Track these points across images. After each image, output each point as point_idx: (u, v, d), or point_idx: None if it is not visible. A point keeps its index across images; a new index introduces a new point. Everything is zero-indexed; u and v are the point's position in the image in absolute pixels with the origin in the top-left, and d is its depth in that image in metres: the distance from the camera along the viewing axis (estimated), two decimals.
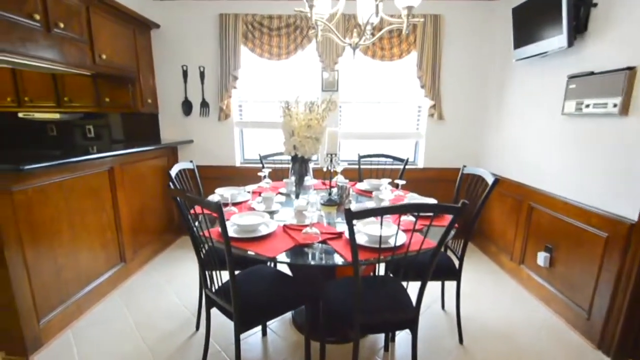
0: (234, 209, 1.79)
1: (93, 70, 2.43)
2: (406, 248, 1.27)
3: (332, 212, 1.90)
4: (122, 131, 3.32)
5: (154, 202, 3.03)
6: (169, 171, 1.87)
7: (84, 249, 2.20)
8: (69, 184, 2.06)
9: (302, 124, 1.79)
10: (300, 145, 1.82)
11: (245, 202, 1.97)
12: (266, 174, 2.30)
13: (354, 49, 1.74)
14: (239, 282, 1.58)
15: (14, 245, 1.69)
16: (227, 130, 3.31)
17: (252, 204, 1.91)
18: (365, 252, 1.29)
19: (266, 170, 2.29)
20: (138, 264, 2.79)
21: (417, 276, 1.41)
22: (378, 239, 1.25)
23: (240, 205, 1.93)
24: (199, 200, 1.23)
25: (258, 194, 2.18)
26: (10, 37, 1.82)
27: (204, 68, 3.16)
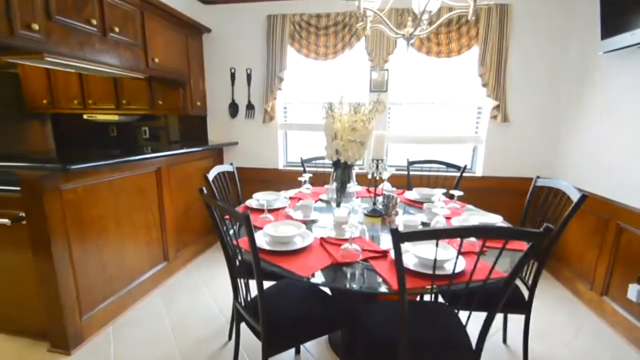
0: (269, 216, 1.67)
1: (146, 73, 2.51)
2: (467, 276, 1.03)
3: (377, 223, 1.70)
4: (173, 132, 3.44)
5: (199, 203, 3.06)
6: (206, 174, 1.81)
7: (130, 247, 2.25)
8: (118, 183, 2.12)
9: (346, 126, 1.62)
10: (343, 150, 1.65)
11: (282, 209, 1.85)
12: (307, 179, 2.17)
13: (408, 41, 1.53)
14: (269, 296, 1.45)
15: (61, 242, 1.75)
16: (271, 133, 3.26)
17: (289, 211, 1.78)
18: (414, 277, 1.08)
19: (307, 175, 2.16)
20: (180, 264, 2.83)
21: (479, 307, 1.16)
22: (430, 263, 1.03)
23: (276, 212, 1.81)
24: (227, 210, 1.12)
25: (297, 200, 2.05)
26: (69, 42, 1.91)
27: (250, 70, 3.14)
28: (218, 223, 1.31)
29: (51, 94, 3.22)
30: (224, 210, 1.16)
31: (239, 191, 2.25)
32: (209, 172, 1.87)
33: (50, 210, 1.68)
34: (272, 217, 1.67)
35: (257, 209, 1.86)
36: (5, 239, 1.79)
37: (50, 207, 1.68)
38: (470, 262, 1.15)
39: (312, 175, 2.19)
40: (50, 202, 1.68)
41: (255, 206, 1.89)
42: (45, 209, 1.65)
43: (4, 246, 1.80)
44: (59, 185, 1.72)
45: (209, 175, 1.83)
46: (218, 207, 1.20)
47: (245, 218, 1.01)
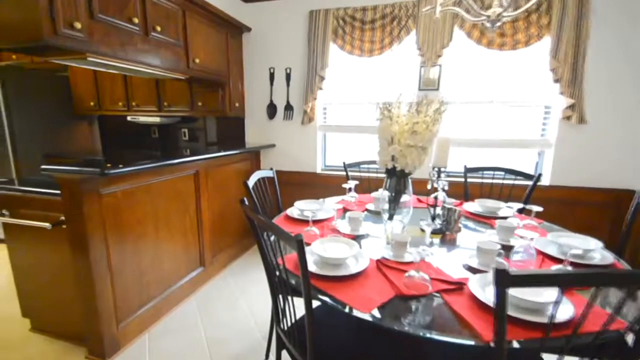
0: (314, 230, 1.49)
1: (187, 74, 2.46)
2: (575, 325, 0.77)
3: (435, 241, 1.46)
4: (211, 134, 3.40)
5: (235, 206, 2.97)
6: (246, 182, 1.67)
7: (167, 252, 2.19)
8: (157, 187, 2.05)
9: (405, 129, 1.40)
10: (400, 156, 1.43)
11: (327, 221, 1.66)
12: (352, 187, 1.97)
13: (493, 25, 1.27)
14: (317, 323, 1.27)
15: (99, 247, 1.69)
16: (309, 135, 3.10)
17: (336, 223, 1.59)
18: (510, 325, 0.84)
19: (352, 182, 1.96)
20: (216, 269, 2.75)
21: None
22: (527, 305, 0.79)
23: (321, 223, 1.63)
24: (277, 231, 0.94)
25: (342, 211, 1.86)
26: (111, 41, 1.86)
27: (290, 70, 3.01)
28: (261, 240, 1.15)
29: (98, 97, 3.31)
30: (272, 231, 0.98)
31: (279, 198, 2.10)
32: (249, 179, 1.73)
33: (89, 215, 1.62)
34: (317, 231, 1.49)
35: (299, 220, 1.70)
36: (46, 243, 1.77)
37: (90, 211, 1.63)
38: (579, 304, 0.89)
39: (357, 183, 1.99)
40: (90, 206, 1.62)
41: (297, 216, 1.73)
42: (84, 213, 1.60)
43: (46, 249, 1.78)
44: (99, 189, 1.66)
45: (249, 182, 1.69)
46: (263, 224, 1.04)
47: (298, 243, 0.83)
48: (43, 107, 3.22)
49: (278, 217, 1.76)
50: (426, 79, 2.73)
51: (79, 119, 3.59)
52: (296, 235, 0.84)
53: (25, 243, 1.83)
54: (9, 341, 1.91)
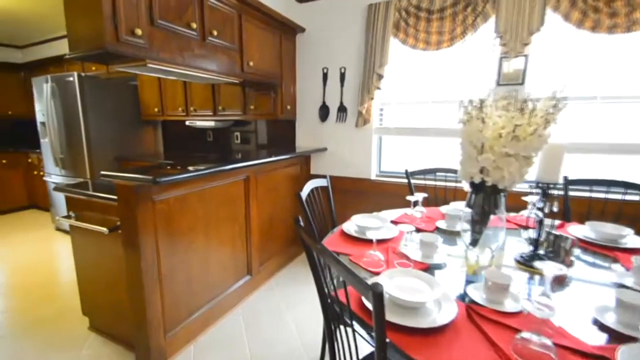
0: (377, 254, 1.27)
1: (241, 77, 2.40)
2: None
3: (534, 277, 1.15)
4: (261, 138, 3.36)
5: (283, 212, 2.87)
6: (300, 193, 1.50)
7: (215, 260, 2.13)
8: (208, 193, 2.00)
9: (502, 133, 1.11)
10: (493, 168, 1.14)
11: (391, 242, 1.42)
12: (419, 201, 1.70)
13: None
14: None
15: (151, 255, 1.66)
16: (364, 138, 2.88)
17: (403, 247, 1.34)
18: None
19: (420, 195, 1.69)
20: (263, 278, 2.65)
21: None
22: None
23: (384, 245, 1.39)
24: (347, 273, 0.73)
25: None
26: (170, 47, 1.85)
27: (345, 69, 2.82)
28: (317, 268, 0.97)
29: (161, 103, 3.46)
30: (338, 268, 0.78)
31: (333, 210, 1.91)
32: (303, 189, 1.57)
33: (142, 221, 1.60)
34: (381, 256, 1.26)
35: (357, 238, 1.48)
36: (105, 246, 1.79)
37: (143, 217, 1.60)
38: None
39: (426, 195, 1.72)
40: (143, 213, 1.60)
41: (355, 233, 1.52)
42: (137, 220, 1.57)
43: (104, 252, 1.81)
44: (152, 196, 1.63)
45: (302, 193, 1.52)
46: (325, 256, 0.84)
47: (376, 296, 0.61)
48: (115, 114, 3.45)
49: (332, 234, 1.57)
50: (507, 72, 2.33)
51: (145, 124, 3.80)
52: (374, 284, 0.63)
53: (87, 244, 1.89)
54: (68, 338, 1.99)
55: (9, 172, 4.47)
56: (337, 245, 1.44)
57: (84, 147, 3.22)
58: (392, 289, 0.96)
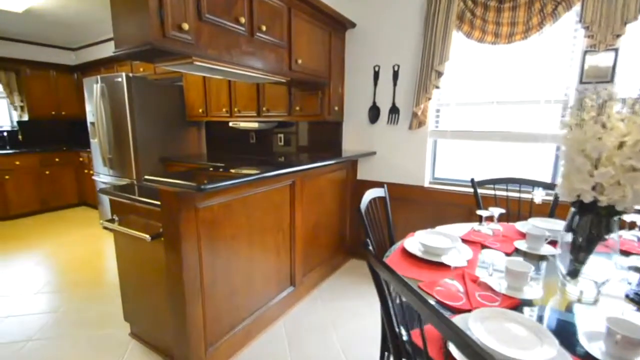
0: (456, 284, 1.04)
1: (288, 76, 2.26)
2: None
3: None
4: (307, 140, 3.21)
5: (328, 219, 2.69)
6: (360, 207, 1.30)
7: (259, 270, 2.00)
8: (253, 199, 1.87)
9: (626, 141, 0.85)
10: (611, 185, 0.88)
11: (464, 269, 1.18)
12: (495, 216, 1.44)
13: None
14: None
15: (193, 266, 1.55)
16: (418, 141, 2.62)
17: (485, 276, 1.10)
18: None
19: (496, 210, 1.43)
20: (306, 289, 2.49)
21: None
22: None
23: (458, 270, 1.16)
24: (454, 334, 0.53)
25: (479, 248, 1.35)
26: (218, 43, 1.74)
27: (398, 67, 2.58)
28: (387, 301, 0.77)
29: (205, 104, 3.43)
30: (427, 314, 0.58)
31: (390, 223, 1.69)
32: (362, 201, 1.37)
33: (185, 229, 1.49)
34: (460, 286, 1.03)
35: (422, 260, 1.26)
36: (147, 252, 1.72)
37: (186, 226, 1.49)
38: None
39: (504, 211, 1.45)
40: (186, 221, 1.49)
41: (420, 253, 1.29)
42: (180, 228, 1.47)
43: (146, 258, 1.74)
44: (196, 203, 1.52)
45: (362, 205, 1.32)
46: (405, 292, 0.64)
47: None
48: (161, 114, 3.48)
49: (393, 252, 1.35)
50: (592, 68, 1.98)
51: (190, 125, 3.81)
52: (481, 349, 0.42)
53: (129, 249, 1.83)
54: (110, 343, 1.96)
55: (62, 170, 4.73)
56: (401, 267, 1.23)
57: (130, 148, 3.26)
58: (489, 338, 0.74)
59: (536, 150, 2.30)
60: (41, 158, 4.51)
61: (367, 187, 2.96)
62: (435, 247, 1.28)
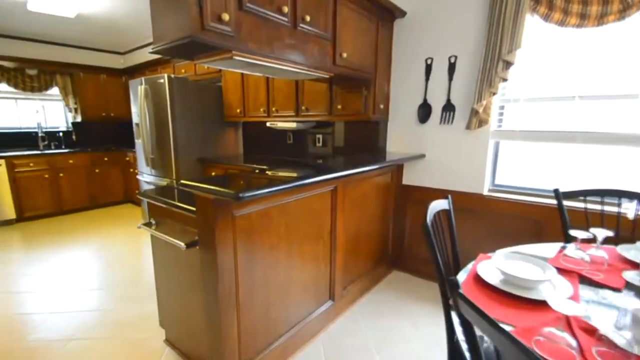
0: (565, 336, 0.78)
1: (331, 71, 2.07)
2: None
3: None
4: (346, 140, 3.01)
5: (370, 227, 2.47)
6: (426, 223, 1.07)
7: (297, 283, 1.83)
8: (292, 207, 1.71)
9: None
10: None
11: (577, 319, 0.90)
12: (599, 239, 1.14)
13: None
14: None
15: (229, 278, 1.41)
16: (477, 143, 2.31)
17: (604, 331, 0.83)
18: None
19: (601, 232, 1.13)
20: (345, 304, 2.29)
21: None
22: None
23: (559, 316, 0.89)
24: None
25: (576, 281, 1.06)
26: (259, 36, 1.59)
27: (455, 58, 2.29)
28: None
29: (243, 104, 3.35)
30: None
31: (455, 239, 1.44)
32: (427, 215, 1.14)
33: (221, 239, 1.35)
34: (571, 340, 0.77)
35: (504, 293, 1.00)
36: (182, 260, 1.62)
37: (222, 235, 1.36)
38: None
39: (611, 234, 1.14)
40: (223, 230, 1.36)
41: (500, 284, 1.04)
42: (216, 237, 1.34)
43: (182, 266, 1.64)
44: (233, 210, 1.38)
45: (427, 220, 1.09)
46: None
47: None
48: (200, 115, 3.46)
49: (465, 280, 1.11)
50: None
51: (227, 125, 3.77)
52: None
53: (166, 254, 1.75)
54: (145, 348, 1.91)
55: (110, 169, 4.94)
56: (477, 301, 0.98)
57: (171, 148, 3.27)
58: None
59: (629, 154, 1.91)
60: (92, 157, 4.74)
61: (413, 193, 2.74)
62: (523, 279, 1.02)
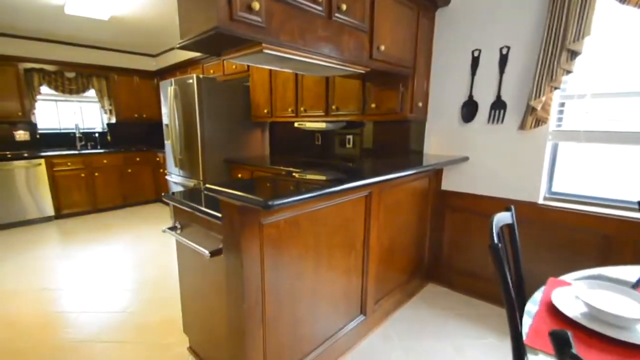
0: None
1: (367, 66, 1.90)
2: None
3: None
4: (379, 141, 2.82)
5: (405, 236, 2.27)
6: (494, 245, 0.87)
7: (326, 296, 1.68)
8: (323, 214, 1.56)
9: None
10: None
11: None
12: None
13: None
14: None
15: (255, 292, 1.29)
16: (532, 145, 2.05)
17: None
18: None
19: None
20: (378, 319, 2.10)
21: None
22: None
23: None
24: None
25: None
26: (291, 27, 1.45)
27: (508, 49, 2.04)
28: None
29: (271, 104, 3.25)
30: None
31: (520, 257, 1.22)
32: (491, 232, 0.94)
33: (247, 249, 1.23)
34: None
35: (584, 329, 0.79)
36: (206, 267, 1.51)
37: (248, 244, 1.23)
38: None
39: None
40: (249, 239, 1.23)
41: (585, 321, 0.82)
42: (241, 246, 1.21)
43: (206, 274, 1.54)
44: (260, 218, 1.25)
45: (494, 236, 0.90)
46: None
47: None
48: (227, 116, 3.41)
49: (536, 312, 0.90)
50: None
51: (254, 126, 3.70)
52: None
53: (190, 260, 1.65)
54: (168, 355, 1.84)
55: (142, 168, 5.04)
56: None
57: (198, 149, 3.23)
58: None
59: None
60: (125, 157, 4.86)
61: (453, 199, 2.49)
62: (615, 315, 0.80)
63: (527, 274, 1.19)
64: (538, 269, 2.05)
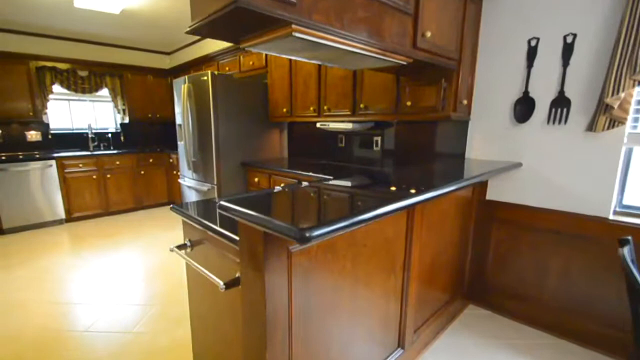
0: None
1: (409, 56, 1.61)
2: None
3: None
4: (411, 144, 2.52)
5: (446, 253, 1.98)
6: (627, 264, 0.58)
7: (361, 330, 1.41)
8: (361, 236, 1.29)
9: None
10: None
11: None
12: None
13: None
14: None
15: (281, 332, 1.03)
16: (602, 149, 1.73)
17: None
18: None
19: None
20: (416, 351, 1.81)
21: None
22: None
23: None
24: None
25: None
26: (326, 6, 1.19)
27: (574, 37, 1.72)
28: None
29: (290, 102, 3.01)
30: None
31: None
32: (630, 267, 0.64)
33: (272, 281, 0.97)
34: None
35: None
36: (220, 299, 1.26)
37: (273, 276, 0.97)
38: None
39: None
40: (273, 269, 0.97)
41: None
42: (265, 279, 0.95)
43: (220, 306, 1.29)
44: (288, 245, 0.98)
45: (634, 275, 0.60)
46: None
47: None
48: (243, 115, 3.18)
49: None
50: None
51: (272, 126, 3.46)
52: None
53: (201, 288, 1.41)
54: None
55: (154, 170, 4.87)
56: None
57: (212, 151, 3.01)
58: None
59: None
60: (138, 158, 4.70)
61: (501, 211, 2.14)
62: None
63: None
64: (609, 293, 1.73)
